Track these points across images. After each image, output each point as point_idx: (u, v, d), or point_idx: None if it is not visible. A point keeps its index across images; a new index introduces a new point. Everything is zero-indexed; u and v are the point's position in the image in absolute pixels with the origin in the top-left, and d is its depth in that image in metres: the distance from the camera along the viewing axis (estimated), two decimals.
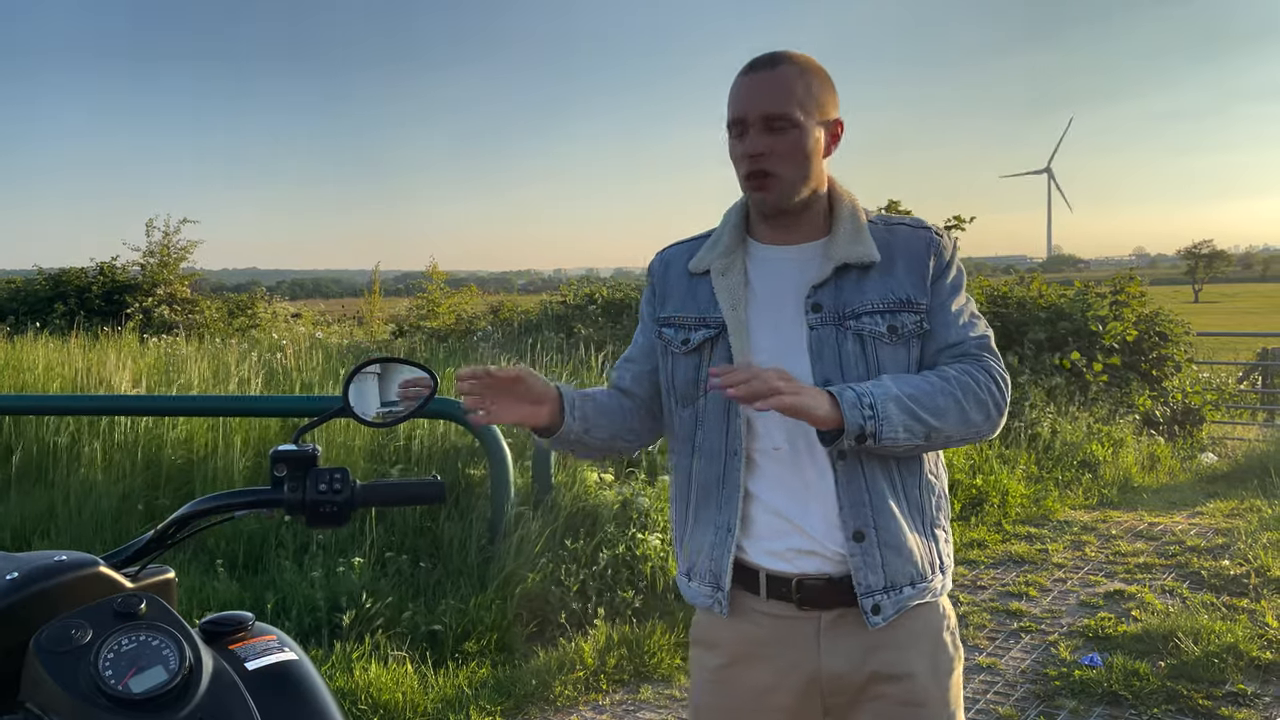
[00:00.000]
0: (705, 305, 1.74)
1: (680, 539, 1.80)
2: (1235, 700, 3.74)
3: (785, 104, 1.64)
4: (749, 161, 1.66)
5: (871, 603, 1.64)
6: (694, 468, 1.75)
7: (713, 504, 1.72)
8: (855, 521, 1.64)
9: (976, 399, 1.64)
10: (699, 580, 1.74)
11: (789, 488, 1.68)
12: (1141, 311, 10.68)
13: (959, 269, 1.75)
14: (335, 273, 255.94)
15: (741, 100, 1.67)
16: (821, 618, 1.67)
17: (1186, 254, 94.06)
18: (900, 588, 1.65)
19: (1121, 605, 4.90)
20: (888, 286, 1.68)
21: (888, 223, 1.75)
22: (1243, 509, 6.90)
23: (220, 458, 5.47)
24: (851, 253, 1.67)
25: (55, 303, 15.46)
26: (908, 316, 1.67)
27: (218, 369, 7.52)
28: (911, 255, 1.70)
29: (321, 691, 1.40)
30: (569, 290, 13.79)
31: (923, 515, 1.70)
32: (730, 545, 1.69)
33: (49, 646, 1.27)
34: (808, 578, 1.66)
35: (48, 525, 5.00)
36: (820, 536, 1.66)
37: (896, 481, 1.67)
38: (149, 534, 1.53)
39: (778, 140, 1.65)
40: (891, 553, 1.64)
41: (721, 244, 1.76)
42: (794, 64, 1.67)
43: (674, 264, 1.83)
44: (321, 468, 1.54)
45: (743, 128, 1.67)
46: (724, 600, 1.70)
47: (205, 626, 1.45)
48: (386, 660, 3.87)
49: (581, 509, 4.86)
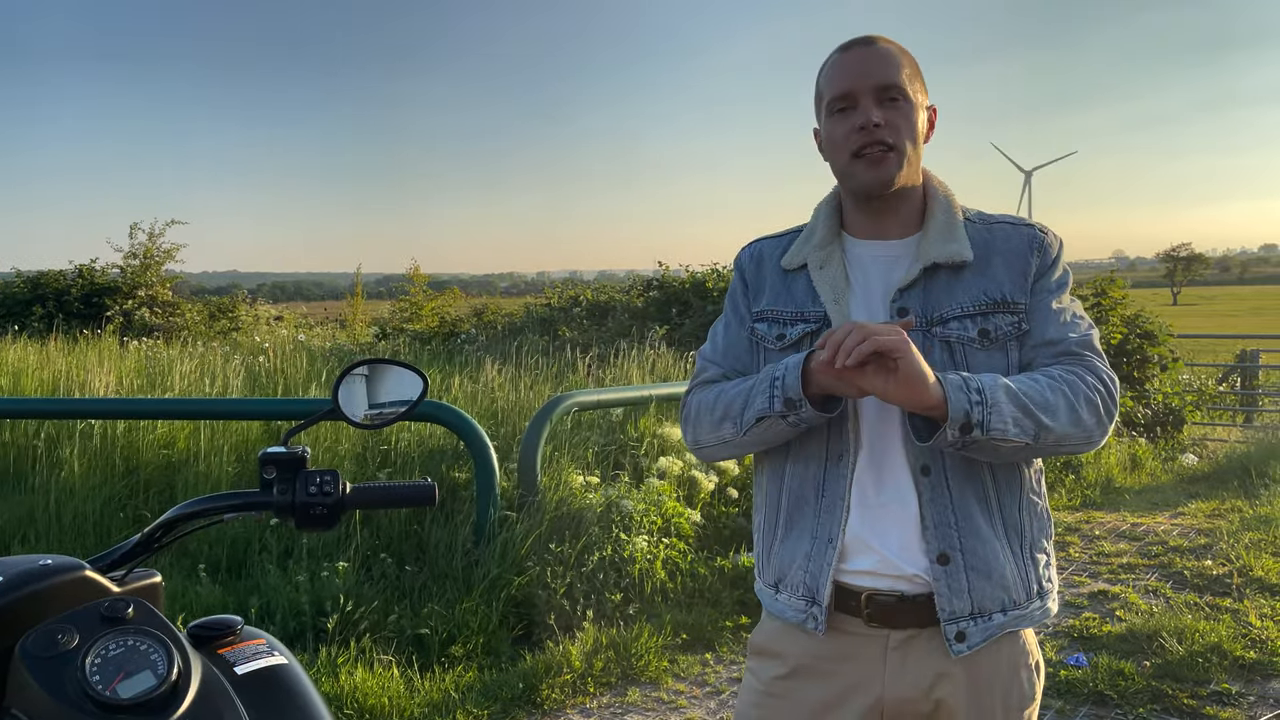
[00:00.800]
0: (803, 299, 1.66)
1: (769, 549, 1.68)
2: (1220, 699, 3.77)
3: (895, 76, 1.58)
4: (862, 135, 1.57)
5: (956, 629, 1.53)
6: (788, 474, 1.64)
7: (809, 513, 1.61)
8: (940, 543, 1.53)
9: (1087, 399, 1.52)
10: (789, 593, 1.63)
11: (870, 506, 1.58)
12: (1125, 314, 10.76)
13: (1065, 269, 1.65)
14: (316, 275, 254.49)
15: (849, 74, 1.59)
16: (890, 637, 1.57)
17: (1165, 257, 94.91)
18: (990, 614, 1.54)
19: (1106, 605, 4.92)
20: (980, 287, 1.58)
21: (986, 220, 1.66)
22: (1224, 509, 6.96)
23: (203, 461, 5.42)
24: (943, 251, 1.59)
25: (33, 305, 15.33)
26: (1003, 318, 1.57)
27: (202, 372, 7.46)
28: (1011, 253, 1.61)
29: (312, 696, 1.39)
30: (553, 293, 13.76)
31: (1021, 537, 1.58)
32: (831, 557, 1.57)
33: (35, 652, 1.25)
34: (879, 594, 1.56)
35: (28, 530, 4.94)
36: (895, 558, 1.55)
37: (991, 499, 1.56)
38: (136, 537, 1.51)
39: (892, 112, 1.58)
40: (980, 577, 1.53)
41: (816, 237, 1.68)
42: (892, 44, 1.63)
43: (767, 258, 1.74)
44: (311, 470, 1.52)
45: (851, 101, 1.59)
46: (820, 615, 1.59)
47: (193, 631, 1.42)
48: (373, 665, 3.84)
49: (566, 512, 4.85)
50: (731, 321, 1.77)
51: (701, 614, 4.58)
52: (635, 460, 5.79)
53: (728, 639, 4.42)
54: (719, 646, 4.36)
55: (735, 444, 1.63)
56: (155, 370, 7.65)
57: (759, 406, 1.55)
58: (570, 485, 5.06)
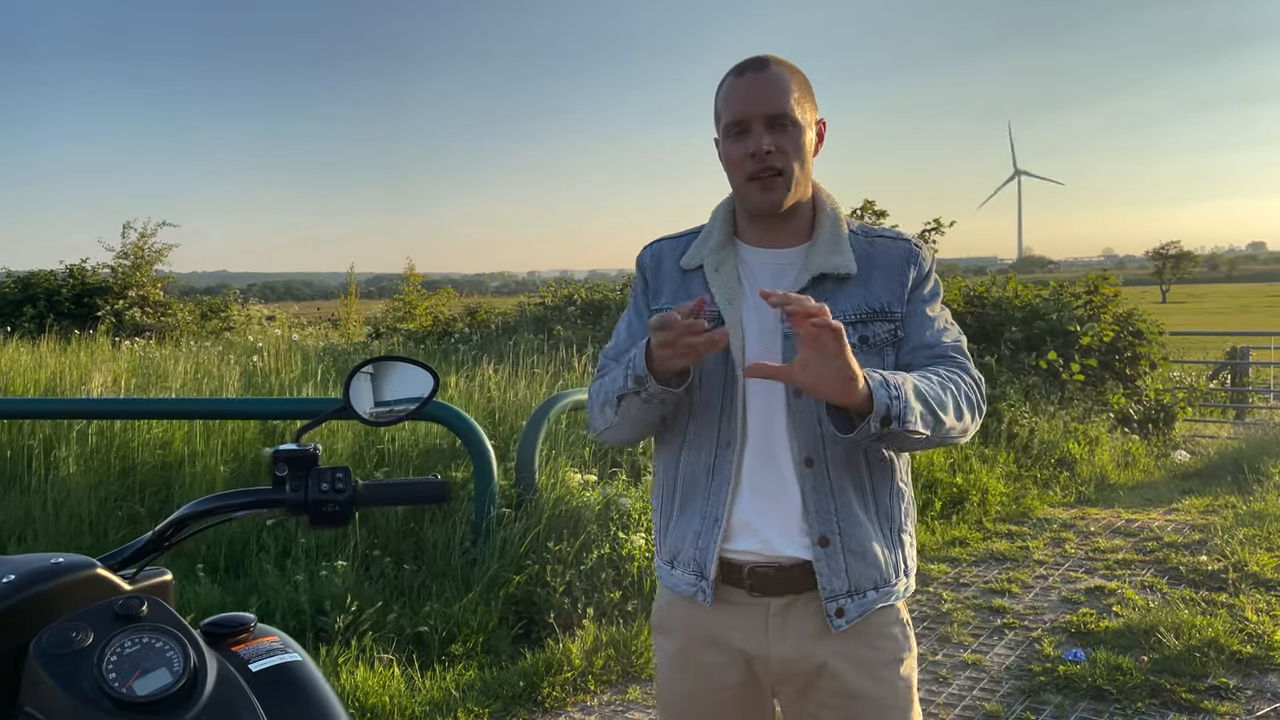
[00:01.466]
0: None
1: (665, 528, 1.82)
2: (1217, 694, 3.79)
3: (785, 103, 1.67)
4: (754, 161, 1.67)
5: (835, 606, 1.68)
6: (683, 458, 1.77)
7: (700, 494, 1.74)
8: (821, 528, 1.67)
9: (967, 397, 1.68)
10: (682, 569, 1.77)
11: (754, 493, 1.71)
12: (1118, 311, 10.80)
13: (936, 280, 1.80)
14: (306, 275, 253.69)
15: (741, 101, 1.68)
16: (771, 604, 1.71)
17: (1154, 255, 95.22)
18: (864, 592, 1.69)
19: (1102, 601, 4.94)
20: (862, 297, 1.71)
21: (869, 234, 1.78)
22: (1217, 505, 6.99)
23: (199, 461, 5.41)
24: (829, 263, 1.71)
25: (24, 306, 15.25)
26: (881, 325, 1.71)
27: (199, 373, 7.44)
28: (890, 265, 1.74)
29: (326, 692, 1.39)
30: (547, 292, 13.76)
31: (891, 522, 1.73)
32: (717, 536, 1.71)
33: (50, 650, 1.24)
34: (759, 566, 1.70)
35: (24, 530, 4.92)
36: (776, 540, 1.69)
37: (867, 488, 1.71)
38: (146, 535, 1.51)
39: (781, 138, 1.67)
40: (856, 558, 1.68)
41: (713, 240, 1.78)
42: (783, 66, 1.71)
43: (666, 258, 1.84)
44: (323, 467, 1.52)
45: (744, 127, 1.68)
46: (708, 589, 1.73)
47: (206, 628, 1.42)
48: (373, 663, 3.84)
49: (564, 510, 4.85)
50: (633, 320, 1.87)
51: None
52: (632, 458, 5.79)
53: None
54: None
55: (618, 426, 1.75)
56: (152, 371, 7.62)
57: (619, 386, 1.69)
58: (568, 484, 5.06)
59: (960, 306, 10.47)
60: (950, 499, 6.68)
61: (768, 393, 1.70)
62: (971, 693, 3.90)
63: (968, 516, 6.56)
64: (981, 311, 10.34)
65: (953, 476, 6.86)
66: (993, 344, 9.85)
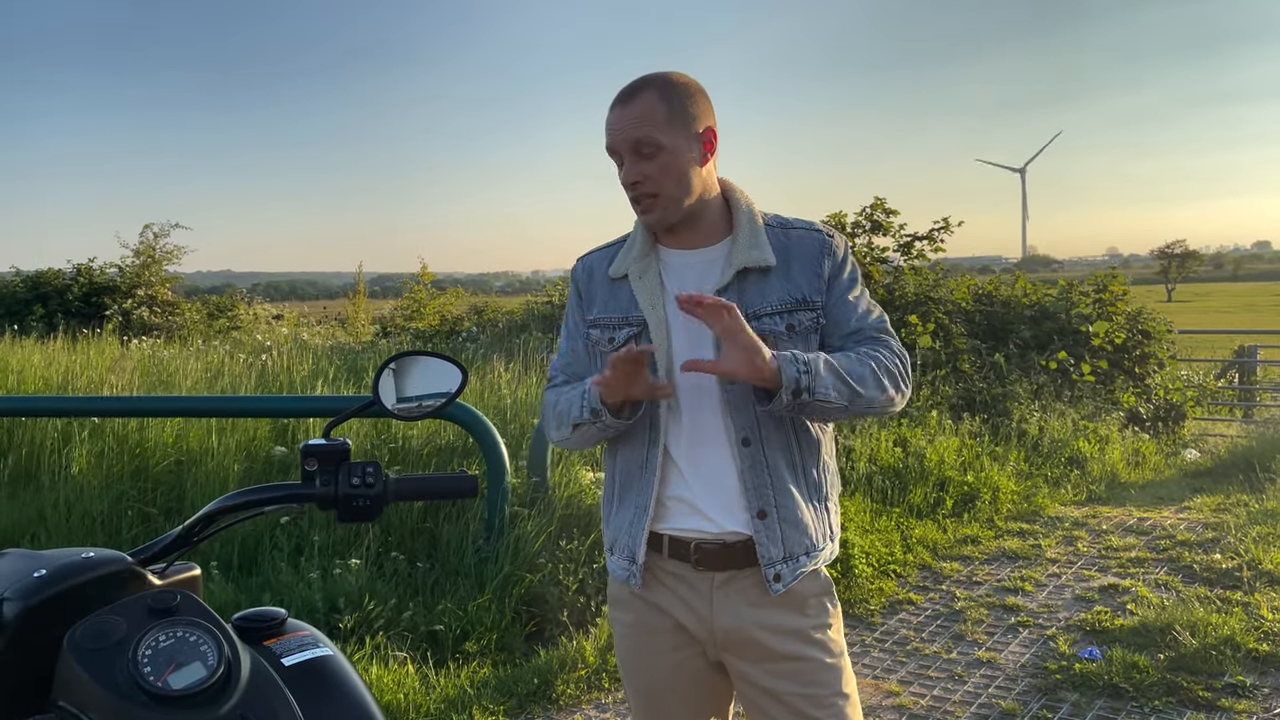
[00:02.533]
0: (627, 306, 1.89)
1: (607, 518, 1.97)
2: (1234, 692, 3.77)
3: (647, 130, 1.77)
4: (629, 188, 1.82)
5: (774, 572, 1.81)
6: (621, 454, 1.91)
7: (634, 487, 1.89)
8: (759, 502, 1.81)
9: (888, 371, 1.81)
10: (619, 555, 1.91)
11: (695, 476, 1.84)
12: (1127, 310, 10.77)
13: (853, 264, 1.92)
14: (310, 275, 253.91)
15: (609, 133, 1.82)
16: (714, 578, 1.84)
17: (1159, 254, 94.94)
18: (797, 557, 1.83)
19: (1117, 599, 4.93)
20: (784, 288, 1.83)
21: (784, 225, 1.90)
22: (1230, 503, 6.96)
23: (212, 459, 5.41)
24: (749, 257, 1.83)
25: (33, 305, 15.28)
26: (804, 314, 1.84)
27: (213, 372, 7.44)
28: (806, 255, 1.86)
29: (359, 687, 1.38)
30: (554, 290, 13.75)
31: (819, 492, 1.87)
32: (645, 523, 1.86)
33: (84, 644, 1.24)
34: (705, 542, 1.83)
35: (37, 529, 4.92)
36: (719, 519, 1.82)
37: (797, 463, 1.84)
38: (176, 530, 1.51)
39: (648, 164, 1.79)
40: (790, 528, 1.82)
41: (635, 249, 1.91)
42: (653, 88, 1.79)
43: (596, 270, 1.97)
44: (354, 462, 1.52)
45: (617, 157, 1.83)
46: (638, 573, 1.88)
47: (238, 623, 1.42)
48: (387, 661, 3.84)
49: (576, 508, 4.85)
50: (572, 332, 2.01)
51: None
52: None
53: None
54: None
55: (574, 441, 1.91)
56: (165, 371, 7.62)
57: (574, 415, 1.85)
58: (580, 481, 5.05)
59: (969, 305, 10.45)
60: (961, 497, 6.67)
61: (697, 385, 1.83)
62: (987, 690, 3.89)
63: (979, 514, 6.55)
64: (990, 310, 10.32)
65: (964, 475, 6.85)
66: (1001, 343, 9.83)
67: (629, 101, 1.79)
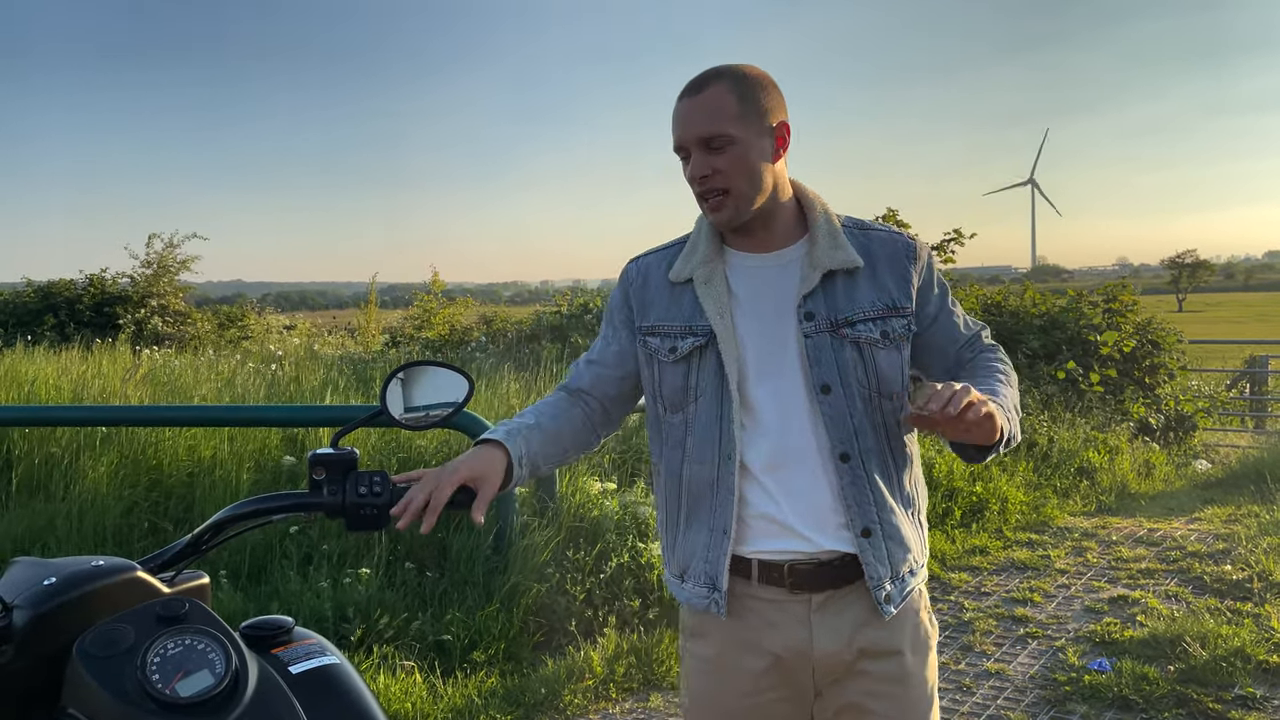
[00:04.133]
0: (690, 314, 1.76)
1: (671, 542, 1.82)
2: (1245, 704, 3.75)
3: (718, 123, 1.67)
4: (698, 184, 1.71)
5: (884, 593, 1.70)
6: (685, 473, 1.77)
7: (705, 508, 1.75)
8: (862, 519, 1.70)
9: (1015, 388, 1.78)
10: (694, 581, 1.77)
11: (782, 493, 1.71)
12: (1137, 320, 10.75)
13: (938, 272, 1.84)
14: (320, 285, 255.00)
15: (677, 126, 1.72)
16: (812, 599, 1.72)
17: (1170, 264, 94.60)
18: (903, 576, 1.74)
19: (1126, 610, 4.91)
20: (874, 294, 1.73)
21: (862, 226, 1.79)
22: (1240, 514, 6.93)
23: (220, 468, 5.43)
24: (834, 259, 1.72)
25: (45, 315, 15.36)
26: (897, 320, 1.73)
27: (222, 381, 7.47)
28: (892, 259, 1.76)
29: (366, 695, 1.39)
30: (564, 300, 13.78)
31: (914, 507, 1.79)
32: (726, 548, 1.72)
33: (93, 651, 1.25)
34: (799, 563, 1.71)
35: (48, 538, 4.94)
36: (814, 537, 1.70)
37: (894, 478, 1.75)
38: (185, 539, 1.52)
39: (719, 159, 1.68)
40: (895, 545, 1.72)
41: (700, 252, 1.78)
42: (724, 79, 1.69)
43: (653, 273, 1.84)
44: (361, 471, 1.53)
45: (685, 152, 1.72)
46: (721, 601, 1.73)
47: (245, 631, 1.43)
48: (395, 670, 3.84)
49: (584, 519, 4.85)
50: (608, 336, 1.89)
51: None
52: (651, 466, 5.79)
53: None
54: None
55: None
56: (176, 381, 7.64)
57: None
58: (588, 492, 5.06)
59: (978, 315, 10.45)
60: (970, 508, 6.65)
61: (780, 394, 1.72)
62: (995, 702, 3.88)
63: (988, 525, 6.53)
64: (999, 320, 10.31)
65: (972, 485, 6.83)
66: (1010, 353, 9.81)
67: (699, 92, 1.69)
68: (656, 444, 1.85)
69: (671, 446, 1.80)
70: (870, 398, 1.71)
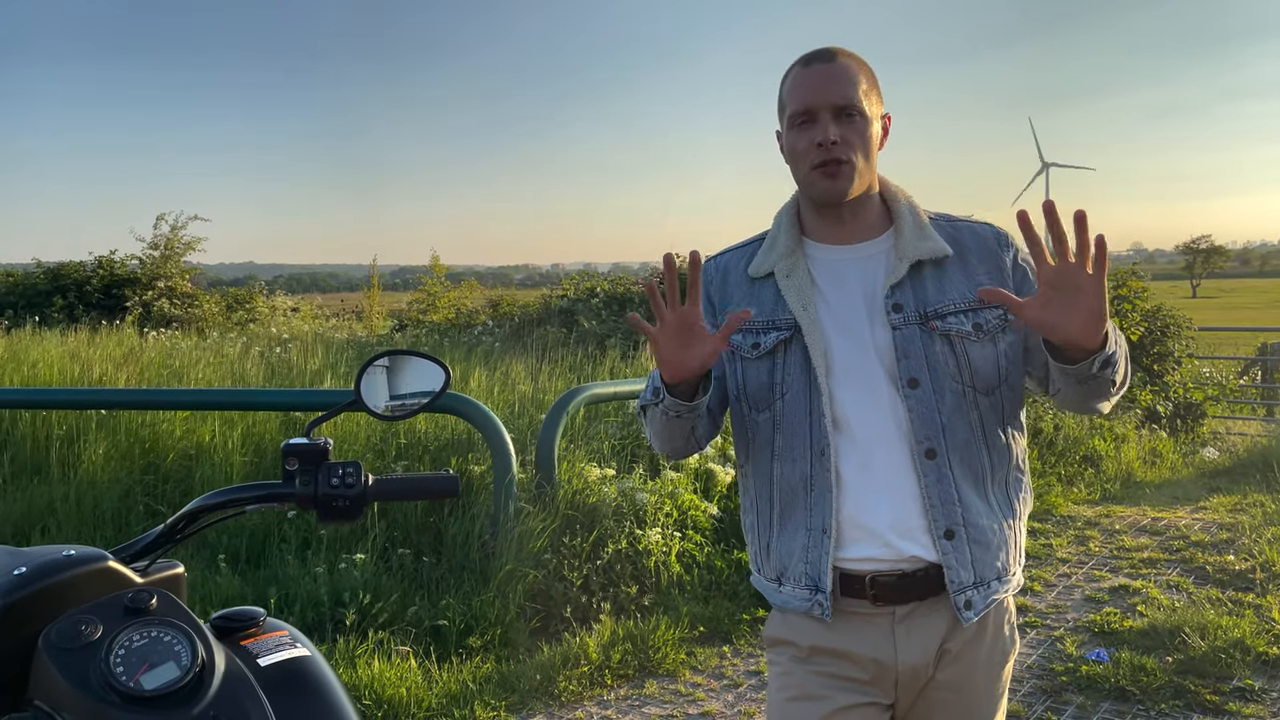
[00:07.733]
0: (772, 308, 1.71)
1: (765, 545, 1.75)
2: (1243, 695, 3.73)
3: (852, 94, 1.64)
4: (819, 151, 1.64)
5: (964, 599, 1.63)
6: (776, 472, 1.71)
7: (800, 506, 1.68)
8: (945, 521, 1.62)
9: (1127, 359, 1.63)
10: (793, 584, 1.70)
11: (867, 492, 1.65)
12: (1145, 308, 10.67)
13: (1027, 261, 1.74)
14: (331, 267, 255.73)
15: (808, 91, 1.65)
16: (895, 612, 1.65)
17: (1184, 249, 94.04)
18: (988, 583, 1.65)
19: (1127, 600, 4.88)
20: (966, 284, 1.67)
21: (950, 220, 1.74)
22: (1246, 504, 6.89)
23: (218, 452, 5.44)
24: (922, 248, 1.66)
25: (54, 296, 15.41)
26: (990, 312, 1.65)
27: (219, 363, 7.48)
28: (983, 250, 1.70)
29: (335, 688, 1.38)
30: (570, 284, 13.75)
31: (1010, 510, 1.70)
32: (828, 546, 1.65)
33: (59, 643, 1.24)
34: (881, 575, 1.64)
35: (47, 521, 4.97)
36: (897, 543, 1.63)
37: (986, 477, 1.66)
38: (158, 528, 1.51)
39: (848, 129, 1.64)
40: (980, 549, 1.64)
41: (780, 245, 1.74)
42: (851, 58, 1.68)
43: (732, 270, 1.79)
44: (334, 462, 1.51)
45: (810, 117, 1.65)
46: (825, 602, 1.66)
47: (216, 622, 1.42)
48: (390, 655, 3.85)
49: (582, 504, 4.84)
50: None
51: (719, 607, 4.57)
52: (652, 452, 5.78)
53: (745, 632, 4.41)
54: (736, 639, 4.35)
55: (652, 437, 1.76)
56: (176, 364, 7.66)
57: (644, 397, 1.71)
58: (586, 477, 5.05)
59: None
60: None
61: (866, 389, 1.65)
62: None
63: None
64: None
65: None
66: None
67: (832, 60, 1.66)
68: (742, 446, 1.78)
69: (759, 446, 1.73)
70: (964, 392, 1.64)
